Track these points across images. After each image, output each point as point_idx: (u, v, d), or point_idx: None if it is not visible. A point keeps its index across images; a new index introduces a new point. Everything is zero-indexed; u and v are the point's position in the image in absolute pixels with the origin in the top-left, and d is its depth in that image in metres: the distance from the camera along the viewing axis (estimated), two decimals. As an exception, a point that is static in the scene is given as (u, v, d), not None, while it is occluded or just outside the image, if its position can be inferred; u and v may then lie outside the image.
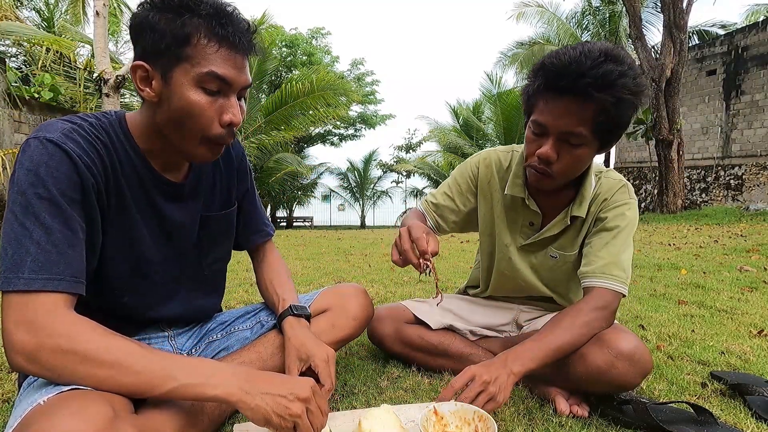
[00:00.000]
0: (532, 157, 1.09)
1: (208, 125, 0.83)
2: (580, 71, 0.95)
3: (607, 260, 1.13)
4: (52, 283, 0.72)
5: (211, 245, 1.07)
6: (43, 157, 0.75)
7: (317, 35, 21.49)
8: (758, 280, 2.91)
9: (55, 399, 0.68)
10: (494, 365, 1.01)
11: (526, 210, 1.25)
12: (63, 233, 0.74)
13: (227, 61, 0.81)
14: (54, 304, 0.71)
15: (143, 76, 0.82)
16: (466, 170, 1.34)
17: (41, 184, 0.74)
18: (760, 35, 10.91)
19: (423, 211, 1.36)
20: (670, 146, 10.00)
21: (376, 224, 20.31)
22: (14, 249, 0.71)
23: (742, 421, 1.08)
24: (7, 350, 0.70)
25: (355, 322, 1.22)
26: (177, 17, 0.78)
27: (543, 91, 1.03)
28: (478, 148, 16.80)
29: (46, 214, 0.73)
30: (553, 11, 15.29)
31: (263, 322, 1.18)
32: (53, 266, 0.72)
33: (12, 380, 1.29)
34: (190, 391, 0.72)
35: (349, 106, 14.36)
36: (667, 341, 1.71)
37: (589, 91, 0.95)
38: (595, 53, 0.96)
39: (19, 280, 0.70)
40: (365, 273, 3.30)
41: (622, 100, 0.97)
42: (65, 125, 0.80)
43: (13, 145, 5.74)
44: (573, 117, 1.00)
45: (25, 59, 9.10)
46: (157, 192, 0.93)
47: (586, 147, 1.05)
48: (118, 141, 0.86)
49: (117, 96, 5.73)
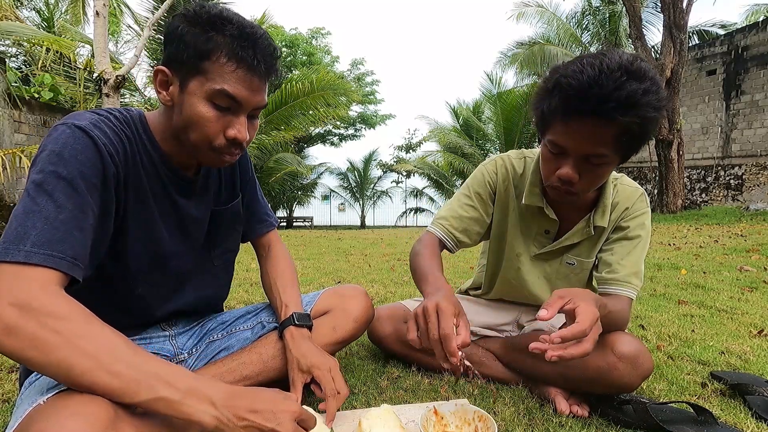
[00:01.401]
0: (553, 177, 1.04)
1: (212, 137, 0.86)
2: (602, 94, 0.88)
3: (629, 269, 1.15)
4: (52, 260, 0.69)
5: (221, 238, 1.10)
6: (69, 140, 0.76)
7: (317, 35, 21.49)
8: (758, 280, 2.92)
9: (55, 399, 0.68)
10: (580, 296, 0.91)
11: (543, 218, 1.23)
12: (74, 214, 0.74)
13: (242, 81, 0.83)
14: (48, 281, 0.68)
15: (163, 80, 0.86)
16: (484, 177, 1.28)
17: (63, 164, 0.74)
18: (760, 35, 10.90)
19: (439, 235, 1.27)
20: (670, 146, 10.00)
21: (376, 224, 20.32)
22: (20, 222, 0.70)
23: (742, 421, 1.08)
24: None
25: (356, 324, 1.22)
26: (203, 33, 0.81)
27: (561, 113, 0.95)
28: (478, 148, 16.79)
29: (60, 193, 0.73)
30: (553, 11, 15.27)
31: (264, 323, 1.18)
32: (57, 244, 0.70)
33: (12, 380, 1.29)
34: (171, 406, 0.66)
35: (349, 106, 14.34)
36: (667, 341, 1.71)
37: (614, 116, 0.89)
38: (615, 70, 0.88)
39: (18, 252, 0.67)
40: (365, 273, 3.30)
41: (647, 120, 0.92)
42: (93, 116, 0.83)
43: (13, 145, 5.74)
44: (595, 139, 0.94)
45: (25, 59, 9.11)
46: (173, 187, 0.96)
47: (608, 165, 1.01)
48: (139, 136, 0.90)
49: (117, 96, 5.73)
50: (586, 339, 0.85)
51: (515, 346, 1.30)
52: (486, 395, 1.21)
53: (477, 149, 16.77)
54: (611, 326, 1.05)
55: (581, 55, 0.96)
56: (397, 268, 3.50)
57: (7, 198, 5.97)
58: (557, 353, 0.84)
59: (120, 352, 0.67)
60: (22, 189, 6.20)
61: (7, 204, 5.94)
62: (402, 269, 3.45)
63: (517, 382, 1.28)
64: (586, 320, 0.85)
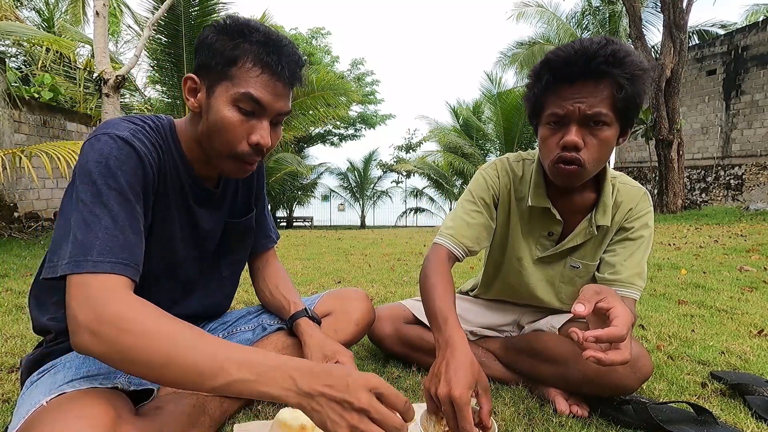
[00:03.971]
0: (556, 150, 1.03)
1: (235, 142, 0.87)
2: (588, 55, 0.95)
3: (632, 271, 1.14)
4: (118, 267, 0.74)
5: (232, 249, 1.11)
6: (113, 150, 0.79)
7: (317, 35, 21.50)
8: (758, 280, 2.92)
9: (58, 401, 0.68)
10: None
11: (548, 219, 1.21)
12: (129, 222, 0.78)
13: (266, 86, 0.86)
14: (117, 285, 0.73)
15: (192, 87, 0.89)
16: (486, 182, 1.24)
17: (111, 175, 0.78)
18: (760, 35, 10.90)
19: (448, 246, 1.18)
20: (670, 146, 9.99)
21: (376, 224, 20.31)
22: (84, 234, 0.74)
23: (742, 421, 1.09)
24: (72, 331, 0.70)
25: (357, 327, 1.23)
26: (231, 40, 0.85)
27: (553, 85, 1.01)
28: (478, 148, 16.80)
29: (115, 203, 0.77)
30: (553, 11, 15.28)
31: (265, 325, 1.18)
32: (119, 252, 0.75)
33: (12, 380, 1.29)
34: (247, 387, 0.67)
35: (349, 106, 14.35)
36: (667, 341, 1.71)
37: (603, 69, 0.95)
38: (596, 39, 0.98)
39: (87, 262, 0.72)
40: (365, 273, 3.30)
41: (635, 76, 0.97)
42: (130, 125, 0.85)
43: (13, 145, 5.74)
44: (593, 98, 0.98)
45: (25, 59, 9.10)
46: (192, 197, 0.97)
47: (610, 128, 1.01)
48: (168, 145, 0.92)
49: (117, 96, 5.72)
50: (624, 345, 0.80)
51: (515, 347, 1.30)
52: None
53: (477, 149, 16.77)
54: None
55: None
56: (397, 268, 3.50)
57: (7, 198, 5.96)
58: (598, 355, 0.79)
59: (193, 344, 0.69)
60: (22, 189, 6.20)
61: (7, 204, 5.94)
62: (402, 269, 3.45)
63: (517, 382, 1.28)
64: (623, 325, 0.80)
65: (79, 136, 7.28)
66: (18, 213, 6.09)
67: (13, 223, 5.86)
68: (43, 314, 0.94)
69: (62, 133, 6.98)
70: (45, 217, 6.54)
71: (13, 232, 5.48)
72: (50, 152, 4.49)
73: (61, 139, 6.71)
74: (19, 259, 3.77)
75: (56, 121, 6.89)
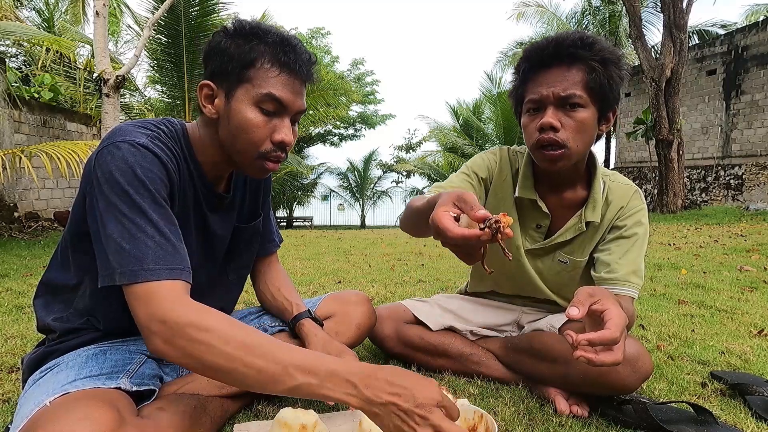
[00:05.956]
0: (536, 134, 1.08)
1: (260, 142, 0.88)
2: (558, 41, 1.05)
3: (628, 269, 1.14)
4: (175, 273, 0.75)
5: (239, 254, 1.12)
6: (137, 158, 0.79)
7: (317, 35, 21.49)
8: (758, 280, 2.92)
9: (61, 401, 0.68)
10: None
11: (535, 212, 1.23)
12: (169, 228, 0.79)
13: (286, 85, 0.87)
14: (178, 292, 0.74)
15: (208, 94, 0.89)
16: (483, 162, 1.27)
17: (141, 183, 0.78)
18: (760, 35, 10.90)
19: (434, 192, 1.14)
20: (670, 146, 9.99)
21: (376, 224, 20.29)
22: (132, 244, 0.74)
23: (742, 421, 1.09)
24: (146, 338, 0.73)
25: (359, 330, 1.24)
26: (246, 43, 0.86)
27: (529, 72, 1.09)
28: (478, 148, 16.80)
29: (152, 210, 0.78)
30: (553, 11, 15.30)
31: (267, 327, 1.19)
32: (171, 257, 0.76)
33: (12, 380, 1.29)
34: (310, 390, 0.69)
35: (349, 106, 14.36)
36: (667, 341, 1.71)
37: (573, 52, 1.03)
38: (569, 32, 1.07)
39: (144, 272, 0.73)
40: (365, 273, 3.30)
41: (606, 60, 1.03)
42: (146, 131, 0.85)
43: (13, 145, 5.74)
44: (565, 81, 1.04)
45: (25, 59, 9.10)
46: (205, 202, 0.98)
47: (586, 110, 1.06)
48: (182, 150, 0.92)
49: (117, 96, 5.73)
50: (617, 347, 0.81)
51: (515, 347, 1.30)
52: (486, 395, 1.21)
53: (477, 149, 16.77)
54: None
55: None
56: (397, 268, 3.50)
57: (7, 198, 5.97)
58: (588, 355, 0.81)
59: (258, 348, 0.71)
60: (22, 189, 6.20)
61: (7, 204, 5.94)
62: (402, 269, 3.45)
63: (517, 382, 1.28)
64: (616, 327, 0.80)
65: (79, 136, 7.29)
66: (18, 213, 6.09)
67: (13, 223, 5.86)
68: (49, 314, 0.94)
69: (62, 133, 6.98)
70: (45, 217, 6.54)
71: (13, 232, 5.48)
72: (50, 152, 4.49)
73: (61, 139, 6.71)
74: (19, 259, 3.77)
75: (56, 121, 6.89)
